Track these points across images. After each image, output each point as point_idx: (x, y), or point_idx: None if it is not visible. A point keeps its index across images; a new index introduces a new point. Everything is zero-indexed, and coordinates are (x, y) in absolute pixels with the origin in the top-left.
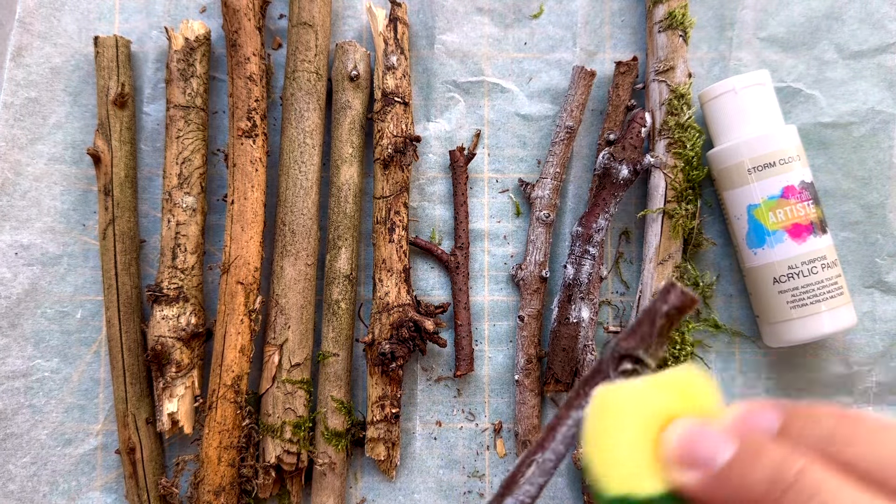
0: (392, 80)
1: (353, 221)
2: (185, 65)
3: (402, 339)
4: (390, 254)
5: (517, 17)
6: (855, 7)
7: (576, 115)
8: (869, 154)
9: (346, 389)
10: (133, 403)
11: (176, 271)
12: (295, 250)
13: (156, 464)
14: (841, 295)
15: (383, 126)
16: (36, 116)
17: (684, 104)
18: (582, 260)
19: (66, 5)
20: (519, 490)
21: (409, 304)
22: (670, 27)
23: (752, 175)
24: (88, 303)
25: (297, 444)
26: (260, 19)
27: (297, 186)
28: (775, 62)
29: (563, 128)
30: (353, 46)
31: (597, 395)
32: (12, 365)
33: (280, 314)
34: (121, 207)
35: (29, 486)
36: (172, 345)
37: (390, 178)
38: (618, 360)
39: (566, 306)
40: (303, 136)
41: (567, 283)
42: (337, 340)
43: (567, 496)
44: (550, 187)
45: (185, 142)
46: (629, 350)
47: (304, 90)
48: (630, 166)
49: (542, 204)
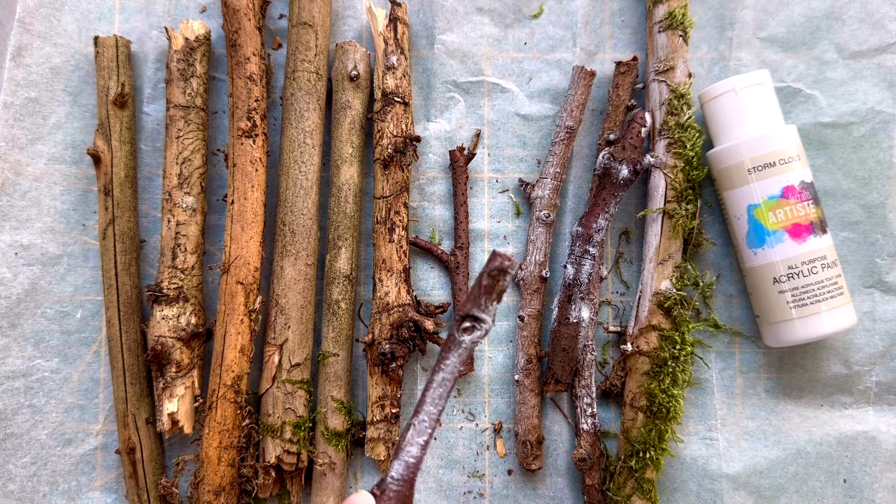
0: (392, 80)
1: (353, 221)
2: (185, 65)
3: (402, 339)
4: (390, 254)
5: (517, 17)
6: (855, 7)
7: (576, 115)
8: (869, 154)
9: (346, 389)
10: (133, 403)
11: (176, 271)
12: (295, 250)
13: (156, 464)
14: (841, 295)
15: (383, 126)
16: (36, 116)
17: (684, 104)
18: (582, 260)
19: (66, 5)
20: (403, 452)
21: (409, 304)
22: (670, 27)
23: (752, 175)
24: (88, 303)
25: (297, 444)
26: (260, 19)
27: (297, 186)
28: (775, 62)
29: (563, 128)
30: (353, 46)
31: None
32: (12, 365)
33: (280, 314)
34: (121, 207)
35: (29, 486)
36: (172, 345)
37: (390, 178)
38: (460, 321)
39: (566, 306)
40: (303, 136)
41: (567, 283)
42: (337, 340)
43: (567, 496)
44: (550, 187)
45: (185, 142)
46: (468, 311)
47: (304, 90)
48: (630, 166)
49: (542, 204)
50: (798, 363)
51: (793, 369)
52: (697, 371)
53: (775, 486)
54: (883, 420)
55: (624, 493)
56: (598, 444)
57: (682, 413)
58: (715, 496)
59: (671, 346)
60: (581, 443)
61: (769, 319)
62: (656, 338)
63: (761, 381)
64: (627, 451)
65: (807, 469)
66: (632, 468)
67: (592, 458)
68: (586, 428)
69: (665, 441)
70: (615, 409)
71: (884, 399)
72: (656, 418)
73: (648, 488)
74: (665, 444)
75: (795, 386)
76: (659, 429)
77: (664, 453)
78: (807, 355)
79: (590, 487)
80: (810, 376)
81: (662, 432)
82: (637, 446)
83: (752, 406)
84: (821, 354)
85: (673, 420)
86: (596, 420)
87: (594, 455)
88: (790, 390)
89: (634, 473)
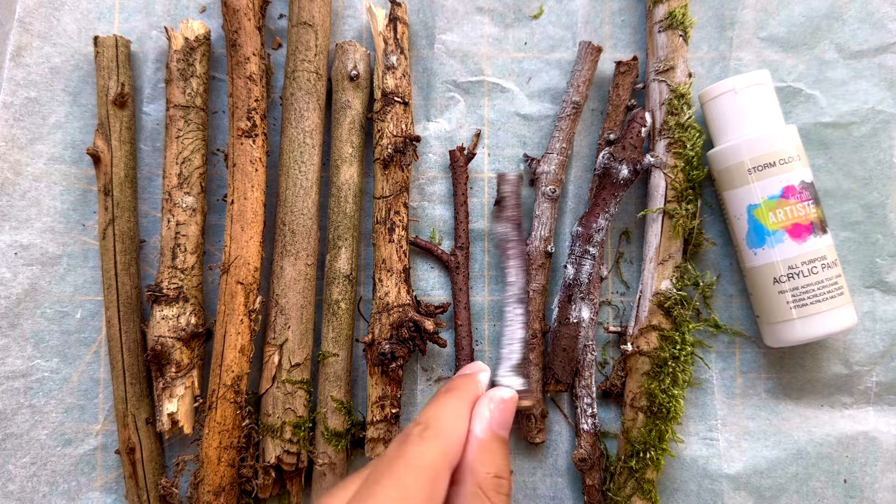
0: (392, 79)
1: (353, 221)
2: (185, 65)
3: (402, 340)
4: (390, 254)
5: (517, 17)
6: (855, 7)
7: (582, 90)
8: (869, 154)
9: (347, 389)
10: (133, 403)
11: (176, 271)
12: (295, 250)
13: (156, 464)
14: (841, 295)
15: (383, 126)
16: (36, 116)
17: (684, 104)
18: (582, 260)
19: (66, 5)
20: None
21: (409, 304)
22: (670, 27)
23: (753, 175)
24: (88, 303)
25: (297, 445)
26: (260, 19)
27: (297, 186)
28: (775, 62)
29: (569, 103)
30: (353, 46)
31: None
32: (12, 365)
33: (280, 314)
34: (121, 207)
35: (29, 486)
36: (172, 345)
37: (390, 178)
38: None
39: (566, 306)
40: (303, 136)
41: (567, 283)
42: (337, 340)
43: (567, 496)
44: (556, 162)
45: (184, 142)
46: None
47: (304, 90)
48: (630, 166)
49: (547, 179)
50: (798, 363)
51: (793, 369)
52: (698, 371)
53: (776, 487)
54: (883, 420)
55: (624, 494)
56: (598, 444)
57: (682, 413)
58: (715, 496)
59: (671, 347)
60: (581, 443)
61: (769, 319)
62: (657, 338)
63: (761, 381)
64: (628, 452)
65: (807, 469)
66: (632, 468)
67: (593, 458)
68: (586, 428)
69: (665, 441)
70: (615, 410)
71: (884, 399)
72: (656, 418)
73: (649, 488)
74: (665, 445)
75: (796, 386)
76: (659, 429)
77: (664, 453)
78: (807, 355)
79: (590, 488)
80: (810, 376)
81: (663, 432)
82: (637, 446)
83: (752, 406)
84: (821, 354)
85: (673, 420)
86: (596, 420)
87: (594, 455)
88: (790, 390)
89: (635, 473)
